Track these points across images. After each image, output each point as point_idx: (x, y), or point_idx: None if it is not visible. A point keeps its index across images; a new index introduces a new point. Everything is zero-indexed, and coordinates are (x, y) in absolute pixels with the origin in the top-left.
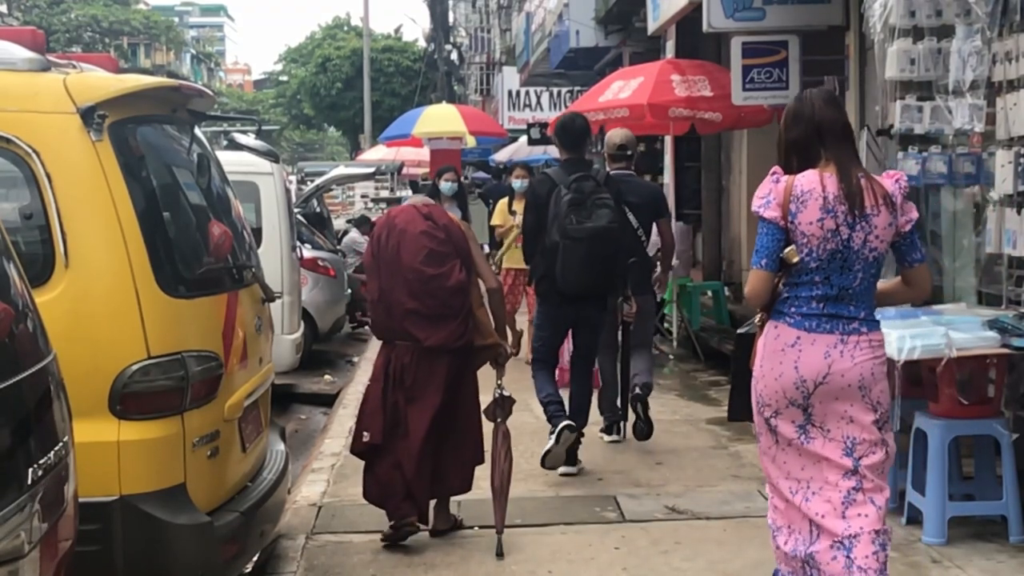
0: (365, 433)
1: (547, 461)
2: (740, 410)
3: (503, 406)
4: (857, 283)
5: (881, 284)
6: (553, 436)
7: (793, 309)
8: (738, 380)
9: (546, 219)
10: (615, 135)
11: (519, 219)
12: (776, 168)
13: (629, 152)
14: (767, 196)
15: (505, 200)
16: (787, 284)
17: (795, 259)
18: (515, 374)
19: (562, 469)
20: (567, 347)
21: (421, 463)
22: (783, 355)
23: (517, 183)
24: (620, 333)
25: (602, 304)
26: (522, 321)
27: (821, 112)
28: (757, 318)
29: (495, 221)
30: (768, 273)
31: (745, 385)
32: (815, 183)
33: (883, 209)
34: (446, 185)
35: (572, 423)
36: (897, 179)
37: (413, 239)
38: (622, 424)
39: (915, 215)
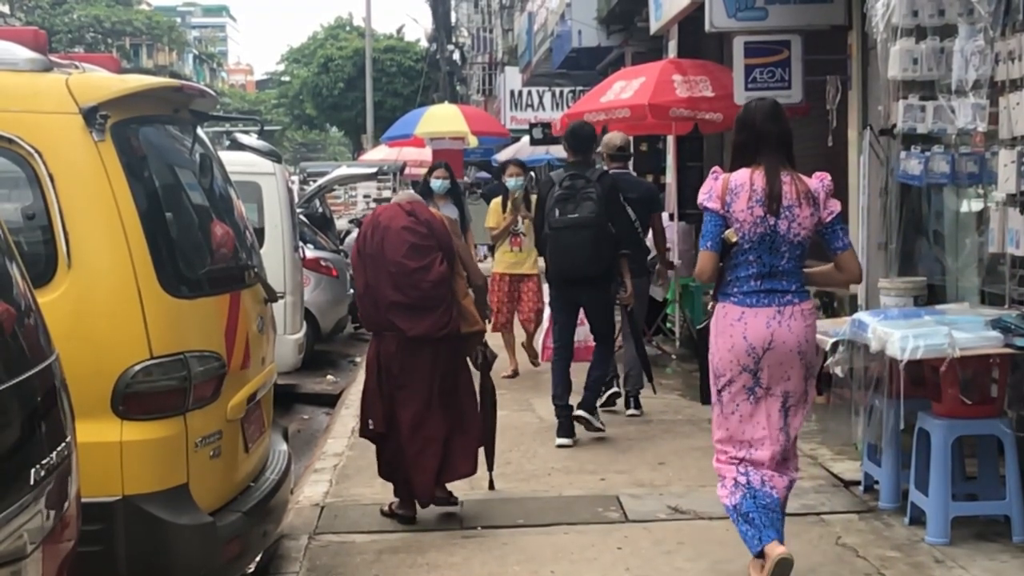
0: (370, 421)
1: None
2: (709, 394)
3: (487, 363)
4: (785, 261)
5: (817, 269)
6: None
7: (736, 289)
8: (705, 367)
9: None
10: (615, 138)
11: (508, 216)
12: (715, 168)
13: (627, 153)
14: (709, 191)
15: (499, 200)
16: (728, 267)
17: (735, 238)
18: (518, 377)
19: (559, 441)
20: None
21: (421, 452)
22: (732, 328)
23: (511, 181)
24: (623, 316)
25: (599, 286)
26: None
27: (761, 124)
28: (710, 305)
29: (489, 223)
30: (713, 253)
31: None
32: (745, 179)
33: (804, 203)
34: (436, 183)
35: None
36: (821, 179)
37: (396, 234)
38: (630, 400)
39: (836, 208)
